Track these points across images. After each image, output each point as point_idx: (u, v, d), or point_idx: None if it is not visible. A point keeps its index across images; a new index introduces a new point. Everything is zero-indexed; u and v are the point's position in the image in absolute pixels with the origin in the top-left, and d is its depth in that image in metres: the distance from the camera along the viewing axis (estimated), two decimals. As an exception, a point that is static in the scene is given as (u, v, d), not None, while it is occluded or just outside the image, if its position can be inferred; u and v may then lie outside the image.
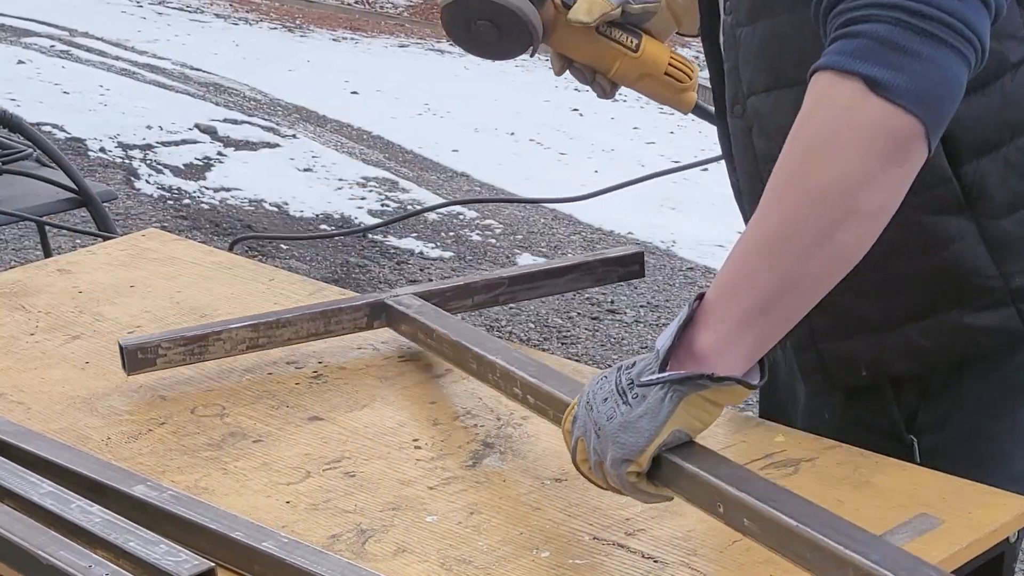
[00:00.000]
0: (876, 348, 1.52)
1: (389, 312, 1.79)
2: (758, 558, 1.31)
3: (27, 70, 8.66)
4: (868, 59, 1.19)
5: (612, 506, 1.41)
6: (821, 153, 1.21)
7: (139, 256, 2.14)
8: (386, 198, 6.61)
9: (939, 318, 1.49)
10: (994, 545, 1.36)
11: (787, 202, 1.23)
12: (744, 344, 1.23)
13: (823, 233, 1.21)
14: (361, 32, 12.18)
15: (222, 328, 1.74)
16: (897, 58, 1.18)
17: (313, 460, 1.52)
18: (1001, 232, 1.46)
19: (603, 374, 1.30)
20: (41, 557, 1.30)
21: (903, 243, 1.43)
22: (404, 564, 1.33)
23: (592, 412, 1.27)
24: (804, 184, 1.21)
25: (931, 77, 1.19)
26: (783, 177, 1.24)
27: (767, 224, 1.24)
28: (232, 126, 7.73)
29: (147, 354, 1.71)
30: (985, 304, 1.48)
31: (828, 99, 1.21)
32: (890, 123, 1.19)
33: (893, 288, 1.49)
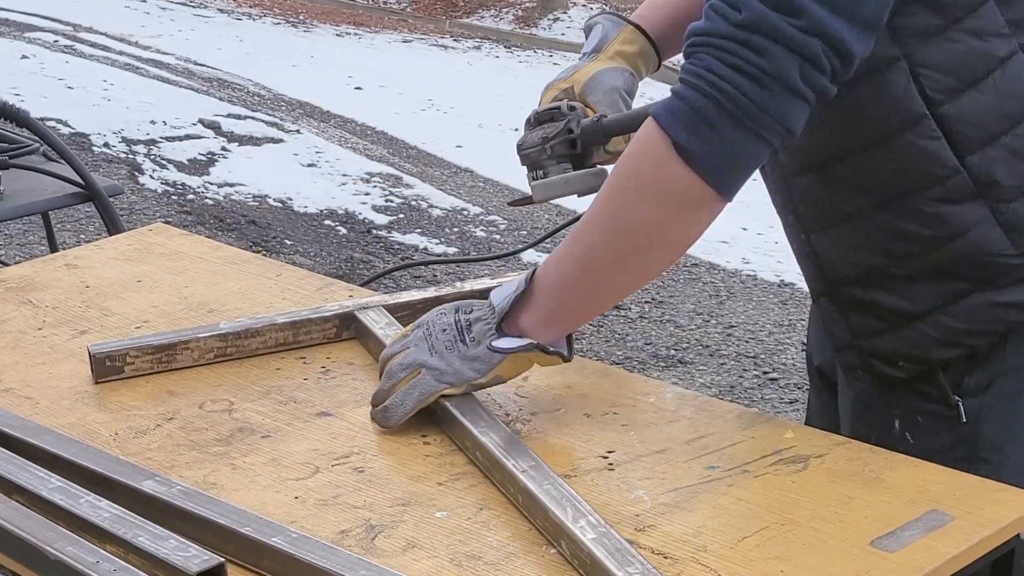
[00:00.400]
0: (912, 338, 1.60)
1: (358, 325, 1.79)
2: (768, 554, 1.31)
3: (31, 65, 8.66)
4: (681, 124, 1.41)
5: (622, 502, 1.41)
6: (630, 193, 1.46)
7: (146, 251, 2.13)
8: (390, 193, 6.61)
9: (967, 301, 1.57)
10: (1005, 541, 1.36)
11: (598, 227, 1.48)
12: (554, 329, 1.53)
13: (624, 257, 1.47)
14: (364, 27, 12.18)
15: (190, 337, 1.74)
16: (703, 129, 1.40)
17: (322, 456, 1.52)
18: (1014, 214, 1.54)
19: (441, 309, 1.57)
20: (49, 553, 1.30)
21: (925, 236, 1.55)
22: (413, 560, 1.33)
23: (430, 333, 1.55)
24: (613, 216, 1.47)
25: (726, 152, 1.41)
26: (600, 204, 1.48)
27: (582, 240, 1.49)
28: (236, 121, 7.74)
29: (115, 362, 1.71)
30: (1008, 282, 1.56)
31: (644, 148, 1.44)
32: (685, 185, 1.42)
33: (920, 279, 1.58)
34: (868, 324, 1.63)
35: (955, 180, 1.53)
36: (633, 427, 1.57)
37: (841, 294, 1.65)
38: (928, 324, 1.58)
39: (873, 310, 1.62)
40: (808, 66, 1.38)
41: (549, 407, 1.61)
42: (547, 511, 1.34)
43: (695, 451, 1.51)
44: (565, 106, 1.76)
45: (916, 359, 1.60)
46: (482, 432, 1.48)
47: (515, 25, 13.03)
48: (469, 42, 11.88)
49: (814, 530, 1.35)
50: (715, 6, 1.42)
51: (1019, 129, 1.53)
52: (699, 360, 4.65)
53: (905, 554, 1.30)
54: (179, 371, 1.72)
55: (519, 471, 1.40)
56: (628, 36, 1.81)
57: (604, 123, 1.74)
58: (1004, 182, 1.53)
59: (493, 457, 1.44)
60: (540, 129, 1.77)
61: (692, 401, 1.63)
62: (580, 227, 1.50)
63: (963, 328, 1.57)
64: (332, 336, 1.80)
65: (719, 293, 5.30)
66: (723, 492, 1.42)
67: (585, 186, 1.76)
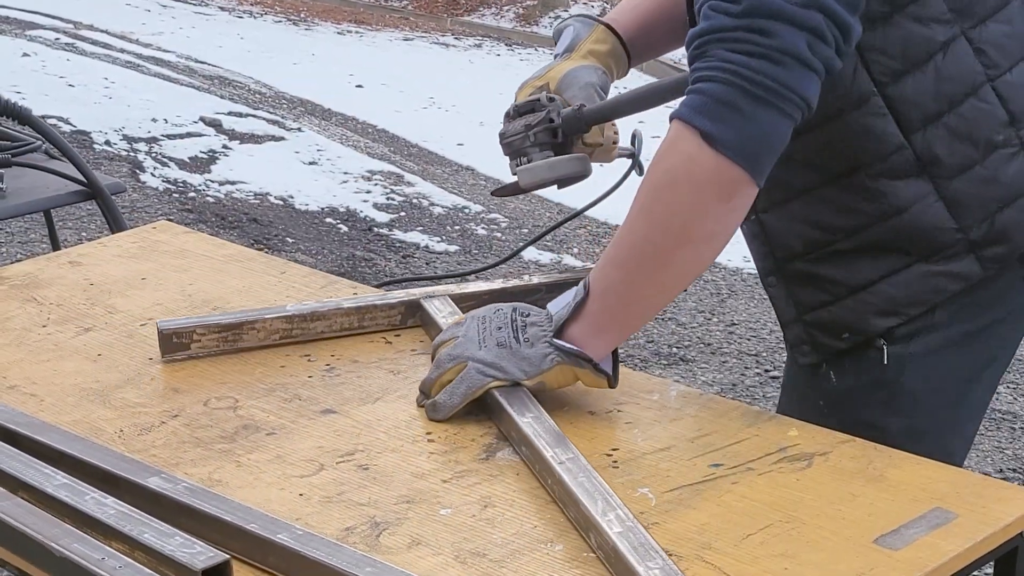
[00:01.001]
0: (855, 309, 1.66)
1: (422, 313, 1.80)
2: (773, 551, 1.31)
3: (32, 63, 8.66)
4: (706, 115, 1.45)
5: (626, 500, 1.41)
6: (665, 191, 1.49)
7: (150, 248, 2.14)
8: (391, 191, 6.61)
9: (908, 272, 1.64)
10: (1009, 539, 1.36)
11: (637, 228, 1.51)
12: (602, 340, 1.54)
13: (665, 254, 1.50)
14: (366, 25, 12.18)
15: (257, 317, 1.76)
16: (728, 115, 1.45)
17: (326, 453, 1.53)
18: (955, 191, 1.62)
19: (498, 307, 1.60)
20: (55, 549, 1.30)
21: (870, 212, 1.63)
22: (418, 557, 1.33)
23: (485, 328, 1.57)
24: (650, 214, 1.50)
25: (753, 133, 1.46)
26: (637, 206, 1.51)
27: (623, 244, 1.52)
28: (237, 119, 7.74)
29: (182, 338, 1.73)
30: (949, 255, 1.63)
31: (675, 145, 1.48)
32: (719, 171, 1.46)
33: (865, 252, 1.64)
34: (813, 298, 1.69)
35: (900, 156, 1.60)
36: (637, 425, 1.57)
37: (788, 270, 1.71)
38: (870, 294, 1.65)
39: (818, 283, 1.68)
40: (814, 38, 1.45)
41: (554, 405, 1.61)
42: (579, 503, 1.35)
43: (699, 449, 1.51)
44: (545, 97, 1.80)
45: (858, 330, 1.66)
46: (526, 423, 1.50)
47: (516, 23, 13.03)
48: (470, 40, 11.89)
49: (818, 528, 1.35)
50: (713, 5, 1.48)
51: (959, 110, 1.60)
52: (701, 358, 4.65)
53: (909, 552, 1.30)
54: (184, 368, 1.73)
55: (556, 462, 1.42)
56: (599, 36, 1.86)
57: (584, 112, 1.77)
58: (945, 160, 1.60)
59: (534, 447, 1.46)
60: (521, 119, 1.79)
61: (696, 399, 1.63)
62: (620, 231, 1.53)
63: (903, 297, 1.64)
64: (397, 323, 1.82)
65: (721, 291, 5.30)
66: (727, 490, 1.42)
67: (569, 171, 1.78)
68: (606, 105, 1.78)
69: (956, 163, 1.61)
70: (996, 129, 1.61)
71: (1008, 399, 4.33)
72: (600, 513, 1.33)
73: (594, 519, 1.32)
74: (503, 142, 1.80)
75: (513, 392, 1.56)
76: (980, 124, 1.60)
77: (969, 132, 1.60)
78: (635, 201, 1.52)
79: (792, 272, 1.70)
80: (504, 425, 1.54)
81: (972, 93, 1.59)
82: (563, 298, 1.57)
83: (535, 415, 1.52)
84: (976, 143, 1.60)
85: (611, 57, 1.85)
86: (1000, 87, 1.60)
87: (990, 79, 1.60)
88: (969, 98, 1.59)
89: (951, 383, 1.69)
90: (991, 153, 1.61)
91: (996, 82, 1.60)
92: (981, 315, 1.67)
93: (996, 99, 1.60)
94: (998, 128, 1.61)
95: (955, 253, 1.63)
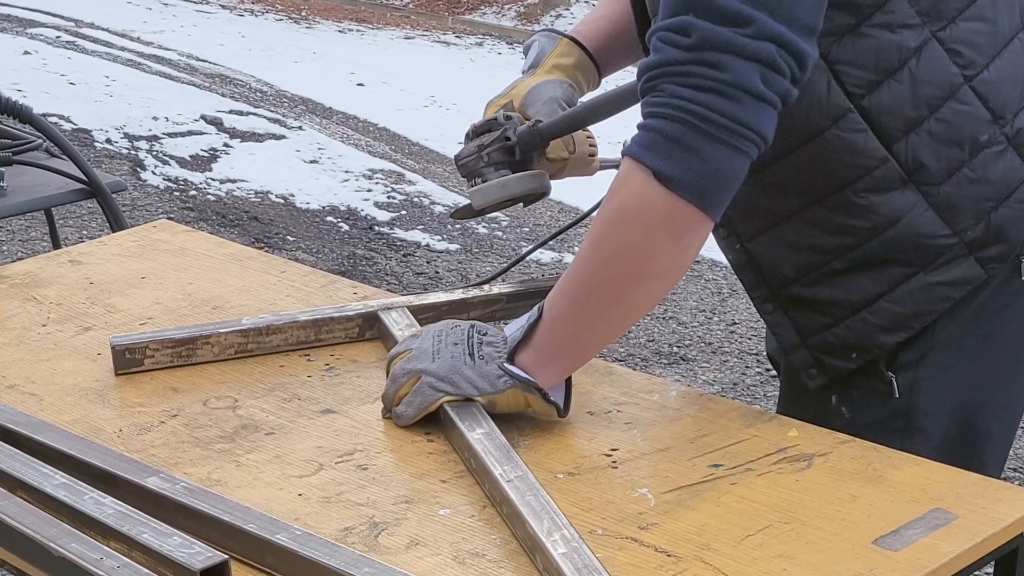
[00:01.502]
0: (859, 329, 1.62)
1: (380, 326, 1.79)
2: (772, 552, 1.31)
3: (33, 61, 8.66)
4: (656, 153, 1.42)
5: (625, 500, 1.41)
6: (616, 228, 1.47)
7: (150, 247, 2.13)
8: (392, 190, 6.61)
9: (907, 285, 1.60)
10: (1009, 540, 1.36)
11: (588, 262, 1.49)
12: (550, 370, 1.53)
13: (616, 290, 1.48)
14: (367, 24, 12.18)
15: (211, 332, 1.74)
16: (679, 153, 1.41)
17: (325, 453, 1.52)
18: (944, 196, 1.59)
19: (455, 323, 1.59)
20: (53, 549, 1.30)
21: (861, 228, 1.59)
22: (417, 557, 1.33)
23: (440, 342, 1.56)
24: (601, 251, 1.48)
25: (706, 171, 1.42)
26: (588, 242, 1.49)
27: (573, 278, 1.51)
28: (238, 117, 7.73)
29: (135, 354, 1.71)
30: (946, 260, 1.60)
31: (625, 183, 1.45)
32: (671, 210, 1.43)
33: (860, 270, 1.61)
34: (814, 321, 1.65)
35: (884, 169, 1.56)
36: (636, 425, 1.57)
37: (783, 296, 1.67)
38: (872, 313, 1.61)
39: (817, 307, 1.64)
40: (767, 70, 1.41)
41: (552, 405, 1.61)
42: (525, 522, 1.33)
43: (698, 449, 1.51)
44: (502, 116, 1.78)
45: (865, 348, 1.63)
46: (476, 439, 1.48)
47: (517, 22, 13.02)
48: (471, 39, 11.88)
49: (817, 528, 1.35)
50: (663, 37, 1.44)
51: (939, 114, 1.56)
52: (701, 357, 4.65)
53: (908, 553, 1.30)
54: (184, 368, 1.73)
55: (504, 480, 1.40)
56: (564, 49, 1.83)
57: (540, 128, 1.75)
58: (931, 166, 1.57)
59: (482, 463, 1.44)
60: (477, 140, 1.78)
61: (695, 399, 1.63)
62: (572, 264, 1.51)
63: (906, 312, 1.60)
64: (355, 336, 1.79)
65: (721, 290, 5.29)
66: (726, 490, 1.42)
67: (523, 189, 1.76)
68: (562, 118, 1.75)
69: (943, 168, 1.57)
70: (979, 129, 1.58)
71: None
72: (546, 534, 1.30)
73: (539, 540, 1.30)
74: (458, 164, 1.78)
75: (465, 407, 1.54)
76: (963, 126, 1.57)
77: (952, 135, 1.57)
78: (587, 236, 1.50)
79: (788, 298, 1.66)
80: (455, 441, 1.53)
81: (951, 96, 1.56)
82: (519, 321, 1.55)
83: (486, 431, 1.50)
84: (961, 145, 1.57)
85: (578, 70, 1.83)
86: (978, 86, 1.57)
87: (967, 79, 1.57)
88: (948, 101, 1.56)
89: (968, 396, 1.65)
90: (977, 153, 1.58)
91: (974, 81, 1.57)
92: (984, 325, 1.64)
93: (975, 99, 1.57)
94: (981, 128, 1.58)
95: (953, 258, 1.59)
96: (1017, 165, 1.60)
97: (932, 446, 1.59)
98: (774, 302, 1.68)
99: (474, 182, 1.78)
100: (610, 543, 1.34)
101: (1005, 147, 1.60)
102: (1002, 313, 1.64)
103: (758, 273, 1.68)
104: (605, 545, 1.33)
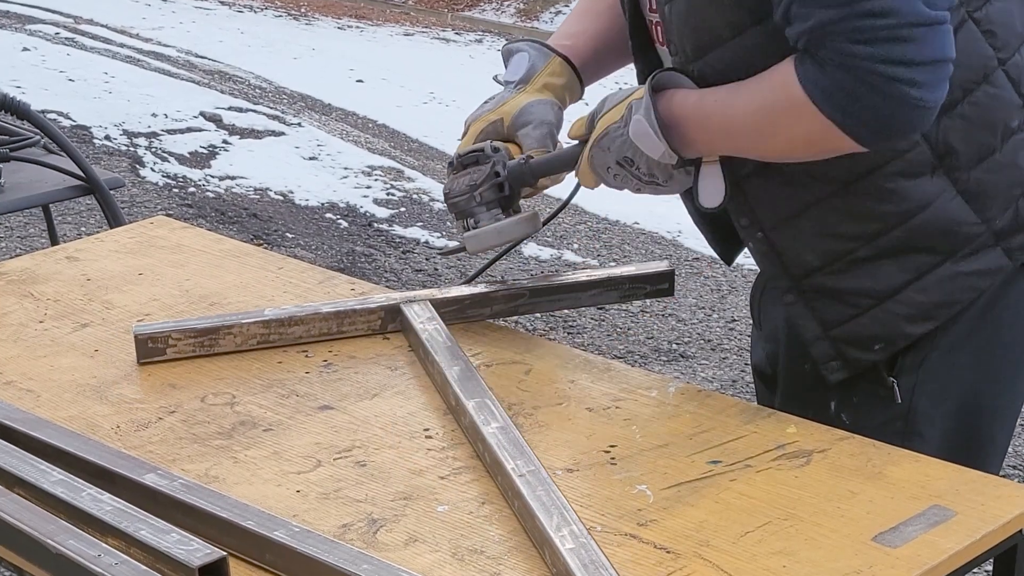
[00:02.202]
0: (883, 319, 1.60)
1: (403, 319, 1.78)
2: (771, 549, 1.31)
3: (32, 57, 8.65)
4: (834, 104, 1.45)
5: (624, 496, 1.41)
6: (779, 143, 1.54)
7: (147, 244, 2.13)
8: (391, 187, 6.60)
9: (935, 274, 1.58)
10: (1008, 537, 1.36)
11: (740, 137, 1.56)
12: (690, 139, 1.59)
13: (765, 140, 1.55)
14: (366, 20, 12.17)
15: (234, 322, 1.74)
16: (859, 110, 1.44)
17: (324, 449, 1.52)
18: (975, 182, 1.57)
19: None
20: (50, 546, 1.30)
21: (888, 214, 1.58)
22: (415, 554, 1.33)
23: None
24: (761, 139, 1.55)
25: (884, 123, 1.45)
26: (745, 125, 1.55)
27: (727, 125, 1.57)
28: (237, 114, 7.73)
29: (157, 343, 1.71)
30: (973, 250, 1.59)
31: (796, 113, 1.48)
32: (841, 147, 1.49)
33: (886, 257, 1.59)
34: (837, 312, 1.63)
35: (915, 152, 1.55)
36: (635, 421, 1.57)
37: (806, 286, 1.64)
38: (898, 302, 1.59)
39: (841, 297, 1.62)
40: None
41: (551, 401, 1.61)
42: (534, 517, 1.33)
43: (697, 446, 1.50)
44: (489, 147, 1.75)
45: (890, 339, 1.61)
46: (490, 432, 1.48)
47: (517, 18, 13.02)
48: (471, 35, 11.87)
49: (816, 525, 1.35)
50: (804, 2, 1.44)
51: (972, 97, 1.55)
52: (701, 354, 4.64)
53: (907, 549, 1.30)
54: (182, 363, 1.72)
55: (516, 475, 1.40)
56: (556, 69, 1.81)
57: (532, 165, 1.74)
58: (962, 151, 1.56)
59: (495, 456, 1.44)
60: (465, 174, 1.76)
61: (694, 395, 1.63)
62: (717, 117, 1.57)
63: (934, 301, 1.59)
64: (377, 328, 1.79)
65: (721, 287, 5.29)
66: (725, 487, 1.42)
67: (517, 234, 1.76)
68: (555, 158, 1.74)
69: (973, 153, 1.56)
70: (1011, 114, 1.57)
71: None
72: (555, 529, 1.30)
73: (548, 535, 1.30)
74: (448, 201, 1.77)
75: (482, 402, 1.53)
76: (995, 110, 1.56)
77: (984, 120, 1.56)
78: (741, 114, 1.54)
79: (811, 288, 1.63)
80: (469, 434, 1.53)
81: (984, 79, 1.55)
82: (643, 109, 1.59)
83: (501, 425, 1.49)
84: (992, 130, 1.56)
85: (566, 90, 1.82)
86: (1011, 70, 1.56)
87: (1001, 62, 1.56)
88: (982, 84, 1.55)
89: (969, 399, 1.64)
90: (1008, 139, 1.57)
91: (1007, 65, 1.56)
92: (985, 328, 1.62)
93: (1008, 83, 1.56)
94: (1013, 113, 1.57)
95: (981, 247, 1.58)
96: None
97: (931, 449, 1.57)
98: (796, 293, 1.65)
99: (466, 223, 1.76)
100: (609, 540, 1.34)
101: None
102: (1003, 315, 1.63)
103: (780, 263, 1.65)
104: (604, 542, 1.33)
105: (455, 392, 1.57)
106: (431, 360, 1.66)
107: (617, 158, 1.62)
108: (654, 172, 1.61)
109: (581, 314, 4.87)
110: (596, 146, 1.65)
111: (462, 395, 1.56)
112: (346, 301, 1.82)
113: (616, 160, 1.62)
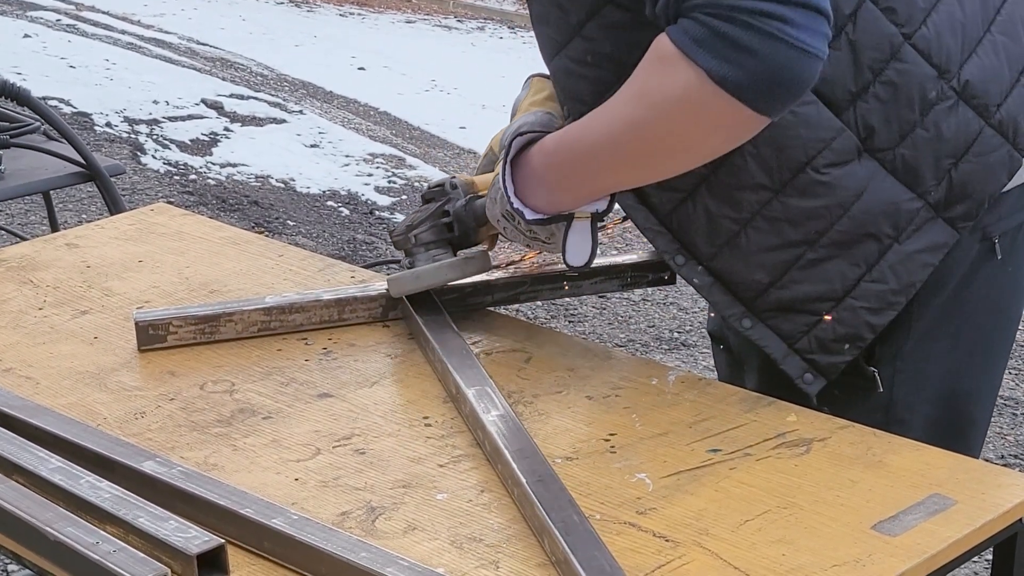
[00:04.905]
0: (844, 317, 1.58)
1: (403, 307, 1.78)
2: (770, 538, 1.31)
3: (33, 44, 8.64)
4: (709, 51, 1.38)
5: (623, 485, 1.41)
6: (657, 117, 1.46)
7: (147, 231, 2.13)
8: (393, 175, 6.60)
9: (884, 260, 1.57)
10: (1008, 526, 1.36)
11: (615, 131, 1.50)
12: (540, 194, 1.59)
13: (646, 158, 1.51)
14: (368, 7, 12.15)
15: (235, 310, 1.74)
16: (735, 55, 1.37)
17: (323, 437, 1.52)
18: (902, 159, 1.56)
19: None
20: (49, 533, 1.30)
21: (826, 210, 1.56)
22: (414, 542, 1.33)
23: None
24: (638, 129, 1.48)
25: (766, 72, 1.38)
26: (620, 112, 1.48)
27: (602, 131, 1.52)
28: (238, 101, 7.72)
29: (158, 330, 1.71)
30: (916, 226, 1.57)
31: (670, 73, 1.42)
32: (721, 110, 1.40)
33: (836, 253, 1.57)
34: (798, 324, 1.59)
35: (841, 139, 1.54)
36: (635, 410, 1.56)
37: (760, 306, 1.61)
38: (855, 298, 1.58)
39: (798, 307, 1.59)
40: None
41: (551, 389, 1.61)
42: (534, 505, 1.33)
43: (697, 434, 1.50)
44: (449, 184, 1.74)
45: (857, 336, 1.59)
46: (490, 420, 1.47)
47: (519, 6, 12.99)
48: (472, 23, 11.85)
49: (816, 514, 1.35)
50: None
51: (883, 77, 1.54)
52: (702, 343, 4.64)
53: (907, 538, 1.30)
54: (181, 350, 1.72)
55: (516, 463, 1.39)
56: (537, 86, 1.79)
57: (475, 206, 1.71)
58: (883, 130, 1.55)
59: (495, 444, 1.44)
60: (419, 211, 1.74)
61: (694, 384, 1.63)
62: (592, 123, 1.53)
63: (891, 288, 1.57)
64: (378, 315, 1.79)
65: (722, 275, 5.30)
66: (725, 475, 1.42)
67: (441, 278, 1.72)
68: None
69: (895, 130, 1.55)
70: (926, 86, 1.54)
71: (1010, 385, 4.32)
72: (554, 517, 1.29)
73: (548, 525, 1.30)
74: (392, 240, 1.76)
75: (482, 390, 1.53)
76: (909, 85, 1.54)
77: (900, 96, 1.54)
78: (617, 104, 1.49)
79: (766, 307, 1.60)
80: (469, 422, 1.52)
81: (892, 56, 1.53)
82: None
83: (501, 413, 1.49)
84: (911, 105, 1.54)
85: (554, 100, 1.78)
86: (919, 42, 1.54)
87: (907, 37, 1.53)
88: (891, 62, 1.53)
89: (948, 384, 1.64)
90: (928, 111, 1.55)
91: (914, 38, 1.53)
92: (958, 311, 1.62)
93: (918, 56, 1.54)
94: (928, 84, 1.54)
95: (922, 222, 1.57)
96: (970, 118, 1.57)
97: (914, 436, 1.56)
98: (752, 317, 1.61)
99: (404, 262, 1.75)
100: (608, 528, 1.34)
101: (955, 101, 1.56)
102: (975, 298, 1.63)
103: (729, 292, 1.62)
104: (603, 530, 1.33)
105: (455, 380, 1.57)
106: (431, 348, 1.66)
107: (502, 211, 1.62)
108: (534, 229, 1.61)
109: (582, 302, 4.86)
110: (488, 196, 1.65)
111: (462, 383, 1.55)
112: (347, 288, 1.81)
113: (502, 213, 1.62)
